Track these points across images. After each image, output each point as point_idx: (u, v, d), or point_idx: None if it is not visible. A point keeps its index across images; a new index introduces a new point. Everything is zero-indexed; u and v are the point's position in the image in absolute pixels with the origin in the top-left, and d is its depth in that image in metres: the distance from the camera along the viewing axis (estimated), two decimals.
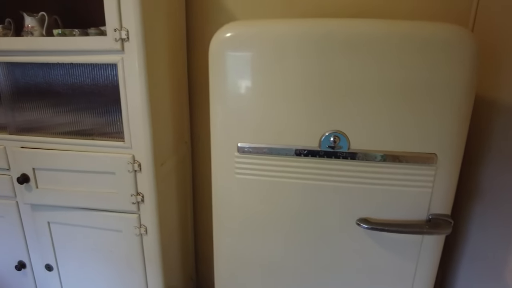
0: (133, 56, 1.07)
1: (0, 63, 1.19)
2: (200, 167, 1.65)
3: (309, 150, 0.87)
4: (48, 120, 1.25)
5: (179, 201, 1.46)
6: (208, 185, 1.66)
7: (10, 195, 1.32)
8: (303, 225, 0.95)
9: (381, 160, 0.86)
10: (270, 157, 0.90)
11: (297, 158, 0.88)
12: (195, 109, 1.57)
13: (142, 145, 1.15)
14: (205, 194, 1.68)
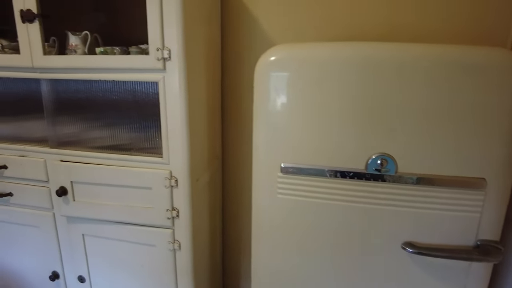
0: (174, 74, 1.09)
1: (45, 79, 1.22)
2: (229, 182, 1.65)
3: (355, 172, 0.86)
4: (88, 135, 1.28)
5: (210, 216, 1.47)
6: (236, 199, 1.67)
7: (48, 206, 1.34)
8: (346, 248, 0.94)
9: (429, 184, 0.84)
10: (314, 178, 0.89)
11: (343, 180, 0.88)
12: (225, 124, 1.58)
13: (180, 161, 1.16)
14: (233, 208, 1.68)
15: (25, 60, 1.19)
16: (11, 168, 1.34)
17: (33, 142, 1.32)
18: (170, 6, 1.03)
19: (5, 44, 1.34)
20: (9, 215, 1.41)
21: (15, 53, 1.33)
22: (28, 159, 1.31)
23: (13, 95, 1.33)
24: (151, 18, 1.05)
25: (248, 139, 1.58)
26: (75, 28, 1.25)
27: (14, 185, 1.36)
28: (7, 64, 1.23)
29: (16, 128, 1.35)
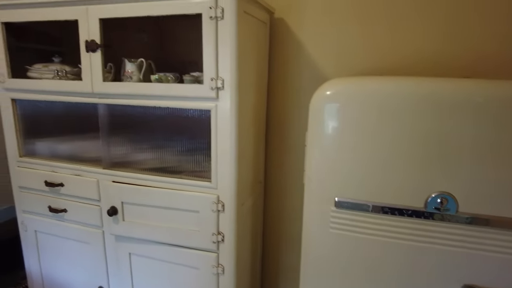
0: (226, 103, 1.12)
1: (103, 104, 1.30)
2: (271, 207, 1.66)
3: (413, 210, 0.85)
4: (139, 157, 1.33)
5: (251, 242, 1.47)
6: (277, 225, 1.66)
7: (98, 224, 1.40)
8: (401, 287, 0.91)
9: (492, 225, 0.81)
10: (370, 214, 0.88)
11: (400, 217, 0.86)
12: (268, 150, 1.60)
13: (227, 186, 1.18)
14: (273, 234, 1.68)
15: (86, 86, 1.27)
16: (67, 186, 1.42)
17: (88, 162, 1.40)
18: (225, 41, 1.07)
19: (68, 70, 1.44)
20: (63, 230, 1.48)
21: (76, 78, 1.42)
22: (82, 179, 1.38)
23: (73, 118, 1.42)
24: (206, 51, 1.09)
25: (290, 164, 1.58)
26: (130, 55, 1.32)
27: (69, 202, 1.43)
28: (70, 90, 1.31)
29: (74, 149, 1.44)
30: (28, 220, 1.56)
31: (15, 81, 1.43)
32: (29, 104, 1.47)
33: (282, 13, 1.47)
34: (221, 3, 1.05)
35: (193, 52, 1.51)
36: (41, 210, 1.50)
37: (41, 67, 1.47)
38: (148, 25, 1.54)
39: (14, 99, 1.46)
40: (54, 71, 1.43)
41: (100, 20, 1.20)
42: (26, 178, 1.50)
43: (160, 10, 1.12)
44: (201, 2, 1.06)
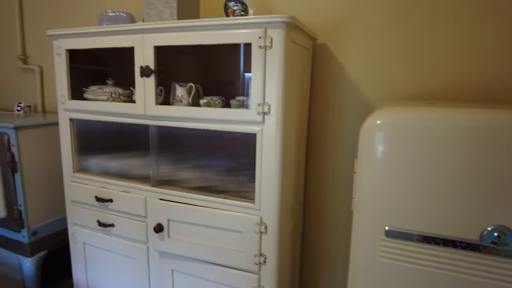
0: (271, 127, 1.16)
1: (153, 125, 1.37)
2: (309, 230, 1.66)
3: (468, 242, 0.83)
4: (186, 176, 1.39)
5: (291, 265, 1.47)
6: (315, 247, 1.66)
7: (143, 240, 1.46)
8: None
9: None
10: (421, 245, 0.87)
11: (453, 249, 0.84)
12: (307, 171, 1.61)
13: (270, 208, 1.20)
14: (310, 256, 1.67)
15: (139, 109, 1.35)
16: (116, 202, 1.50)
17: (136, 180, 1.47)
18: (272, 69, 1.12)
19: (120, 92, 1.54)
20: (110, 244, 1.55)
21: (128, 100, 1.52)
22: (131, 195, 1.45)
23: (124, 137, 1.51)
24: (255, 78, 1.14)
25: (330, 187, 1.59)
26: (177, 79, 1.40)
27: (117, 217, 1.51)
28: (123, 111, 1.40)
29: (124, 166, 1.52)
30: (78, 232, 1.65)
31: (73, 102, 1.54)
32: (84, 123, 1.58)
33: (324, 39, 1.50)
34: (270, 34, 1.10)
35: (236, 77, 1.57)
36: (90, 223, 1.59)
37: (96, 89, 1.58)
38: (194, 51, 1.62)
39: (71, 119, 1.57)
40: (108, 93, 1.54)
41: (154, 47, 1.29)
42: (78, 192, 1.60)
43: (212, 39, 1.18)
44: (251, 33, 1.12)
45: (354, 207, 0.96)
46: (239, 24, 1.13)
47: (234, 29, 1.15)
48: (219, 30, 1.17)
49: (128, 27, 1.32)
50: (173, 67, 1.58)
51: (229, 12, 1.34)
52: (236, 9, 1.32)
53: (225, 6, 1.38)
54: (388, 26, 1.39)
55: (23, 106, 2.01)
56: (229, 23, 1.14)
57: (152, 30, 1.27)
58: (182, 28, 1.22)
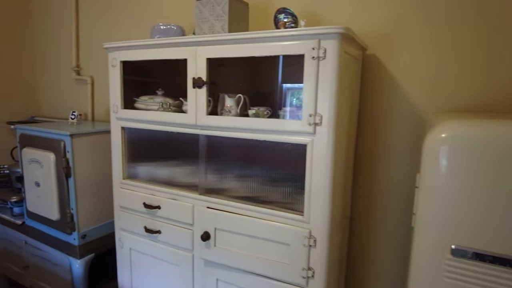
0: (323, 138, 1.14)
1: (203, 134, 1.40)
2: (355, 244, 1.61)
3: None
4: (233, 185, 1.40)
5: (337, 279, 1.43)
6: (362, 263, 1.60)
7: (189, 248, 1.48)
8: None
9: None
10: (492, 266, 0.82)
11: None
12: (355, 183, 1.58)
13: (320, 221, 1.18)
14: (355, 272, 1.62)
15: (190, 119, 1.39)
16: (163, 209, 1.53)
17: (184, 187, 1.50)
18: (325, 80, 1.11)
19: (171, 102, 1.59)
20: (155, 250, 1.58)
21: (177, 110, 1.56)
22: (178, 203, 1.48)
23: (173, 145, 1.55)
24: (307, 88, 1.14)
25: (379, 200, 1.54)
26: (224, 89, 1.42)
27: (163, 224, 1.54)
28: (174, 121, 1.44)
29: (172, 174, 1.56)
30: (125, 237, 1.70)
31: (126, 111, 1.61)
32: (134, 132, 1.64)
33: (374, 50, 1.48)
34: (324, 45, 1.10)
35: (274, 87, 1.58)
36: (137, 229, 1.63)
37: (147, 99, 1.65)
38: (236, 62, 1.65)
39: (123, 127, 1.64)
40: (159, 103, 1.59)
41: (207, 59, 1.32)
42: (127, 198, 1.65)
43: (265, 51, 1.20)
44: (305, 44, 1.12)
45: (415, 223, 0.91)
46: (293, 35, 1.14)
47: (287, 40, 1.16)
48: (272, 42, 1.18)
49: (182, 40, 1.36)
50: (218, 78, 1.62)
51: (280, 24, 1.35)
52: (287, 21, 1.33)
53: (275, 19, 1.40)
54: (441, 37, 1.35)
55: (77, 114, 2.13)
56: (283, 35, 1.15)
57: (205, 42, 1.31)
58: (236, 41, 1.24)
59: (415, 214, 0.92)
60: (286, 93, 1.60)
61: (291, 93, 1.55)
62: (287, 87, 1.59)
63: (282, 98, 1.61)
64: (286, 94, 1.60)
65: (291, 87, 1.55)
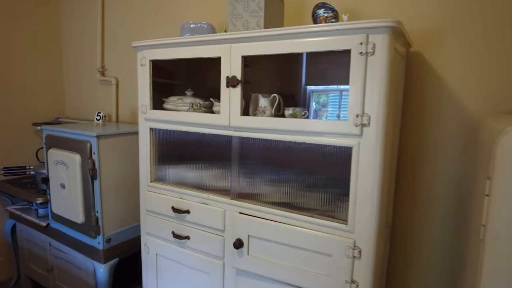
0: (370, 140, 1.05)
1: (236, 136, 1.33)
2: (396, 255, 1.50)
3: None
4: (268, 190, 1.32)
5: None
6: (402, 275, 1.49)
7: (219, 255, 1.40)
8: None
9: None
10: None
11: None
12: (397, 190, 1.47)
13: (366, 231, 1.09)
14: (396, 285, 1.51)
15: (223, 120, 1.32)
16: (193, 214, 1.46)
17: (215, 191, 1.43)
18: (374, 77, 1.02)
19: (201, 103, 1.53)
20: (183, 257, 1.52)
21: (208, 111, 1.50)
22: (209, 207, 1.41)
23: (203, 147, 1.48)
24: (353, 87, 1.05)
25: (423, 208, 1.43)
26: (256, 89, 1.35)
27: (193, 230, 1.47)
28: (206, 122, 1.38)
29: (202, 177, 1.49)
30: (151, 242, 1.64)
31: (154, 112, 1.55)
32: (162, 133, 1.58)
33: (419, 47, 1.38)
34: (372, 39, 1.01)
35: (298, 88, 1.50)
36: (165, 234, 1.57)
37: (176, 99, 1.59)
38: (268, 60, 1.58)
39: (151, 128, 1.58)
40: (189, 104, 1.53)
41: (242, 57, 1.25)
42: (154, 202, 1.60)
43: (305, 47, 1.12)
44: (351, 39, 1.04)
45: (485, 235, 0.81)
46: (338, 30, 1.06)
47: (331, 35, 1.08)
48: (314, 37, 1.10)
49: (216, 37, 1.30)
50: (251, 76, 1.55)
51: (320, 19, 1.27)
52: (328, 16, 1.26)
53: (313, 14, 1.32)
54: (495, 33, 1.24)
55: (102, 115, 2.10)
56: (327, 29, 1.07)
57: (241, 39, 1.24)
58: (276, 37, 1.17)
59: (485, 226, 0.82)
60: (310, 95, 1.52)
61: (317, 94, 1.49)
62: (315, 88, 1.52)
63: (306, 99, 1.54)
64: (311, 96, 1.52)
65: (324, 89, 1.48)
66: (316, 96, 1.51)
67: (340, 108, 1.43)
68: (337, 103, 1.44)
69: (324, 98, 1.49)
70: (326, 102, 1.49)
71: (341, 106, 1.41)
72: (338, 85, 1.44)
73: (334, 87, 1.46)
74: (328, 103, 1.48)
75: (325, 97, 1.49)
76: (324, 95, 1.49)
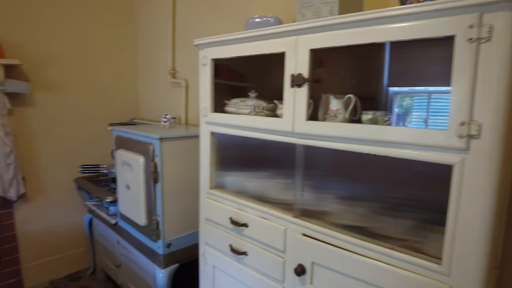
0: (481, 157, 0.78)
1: (301, 144, 1.14)
2: None
3: None
4: (336, 208, 1.10)
5: None
6: None
7: (278, 278, 1.23)
8: None
9: None
10: None
11: None
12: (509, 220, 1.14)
13: (469, 275, 0.82)
14: None
15: (286, 125, 1.15)
16: (251, 228, 1.32)
17: (276, 205, 1.26)
18: (489, 72, 0.75)
19: (264, 105, 1.37)
20: (241, 273, 1.38)
21: (271, 114, 1.33)
22: (269, 223, 1.25)
23: (266, 155, 1.33)
24: (457, 84, 0.79)
25: None
26: (324, 90, 1.14)
27: (251, 246, 1.33)
28: (267, 127, 1.22)
29: (263, 188, 1.34)
30: (209, 253, 1.54)
31: (216, 115, 1.44)
32: (223, 137, 1.47)
33: None
34: (488, 20, 0.74)
35: (379, 89, 1.23)
36: (222, 247, 1.45)
37: (238, 101, 1.45)
38: (351, 56, 1.35)
39: (212, 132, 1.48)
40: (252, 106, 1.38)
41: (310, 51, 1.06)
42: (213, 211, 1.49)
43: (392, 35, 0.88)
44: (457, 21, 0.78)
45: None
46: (437, 11, 0.80)
47: (427, 18, 0.83)
48: (403, 22, 0.86)
49: (280, 28, 1.13)
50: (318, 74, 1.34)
51: (410, 0, 1.02)
52: None
53: None
54: None
55: (169, 117, 2.07)
56: (422, 11, 0.83)
57: (310, 30, 1.05)
58: (351, 24, 0.96)
59: None
60: (393, 97, 1.25)
61: (400, 97, 1.21)
62: (399, 90, 1.25)
63: (388, 102, 1.27)
64: (393, 98, 1.25)
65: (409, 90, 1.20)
66: (400, 99, 1.24)
67: (428, 112, 1.15)
68: (423, 108, 1.17)
69: (408, 102, 1.22)
70: (410, 106, 1.21)
71: (436, 111, 1.13)
72: (428, 86, 1.15)
73: (422, 88, 1.18)
74: (412, 108, 1.21)
75: (409, 101, 1.22)
76: (408, 98, 1.22)
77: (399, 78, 1.24)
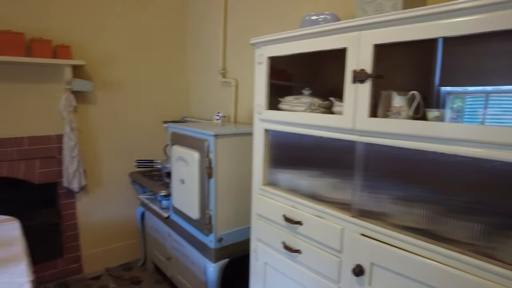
0: None
1: (361, 142, 1.12)
2: None
3: None
4: (397, 210, 1.07)
5: None
6: None
7: (334, 278, 1.22)
8: None
9: None
10: None
11: None
12: None
13: None
14: None
15: (347, 122, 1.13)
16: (306, 226, 1.31)
17: (333, 204, 1.24)
18: None
19: (320, 103, 1.36)
20: (293, 272, 1.38)
21: (326, 112, 1.32)
22: (324, 222, 1.24)
23: (322, 153, 1.31)
24: None
25: None
26: (387, 87, 1.11)
27: (305, 244, 1.32)
28: (326, 124, 1.21)
29: (319, 186, 1.32)
30: (261, 249, 1.55)
31: (269, 112, 1.46)
32: (277, 135, 1.47)
33: None
34: None
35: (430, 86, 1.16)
36: (275, 243, 1.46)
37: (293, 99, 1.46)
38: (407, 52, 1.30)
39: (266, 129, 1.49)
40: (307, 104, 1.38)
41: (374, 46, 1.03)
42: (265, 207, 1.50)
43: (466, 28, 0.84)
44: None
45: None
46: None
47: (506, 9, 0.77)
48: (474, 15, 0.82)
49: (342, 24, 1.12)
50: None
51: None
52: None
53: None
54: None
55: (221, 115, 2.12)
56: (498, 1, 0.77)
57: (373, 25, 1.03)
58: (419, 19, 0.92)
59: None
60: (446, 97, 1.18)
61: (453, 97, 1.14)
62: (452, 89, 1.17)
63: (440, 102, 1.19)
64: (446, 99, 1.18)
65: (463, 90, 1.12)
66: (452, 99, 1.17)
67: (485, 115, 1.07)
68: (476, 109, 1.09)
69: (459, 104, 1.14)
70: (462, 108, 1.13)
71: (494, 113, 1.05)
72: (488, 85, 1.07)
73: (479, 88, 1.09)
74: (464, 110, 1.13)
75: (460, 103, 1.14)
76: (459, 100, 1.14)
77: (453, 76, 1.16)
